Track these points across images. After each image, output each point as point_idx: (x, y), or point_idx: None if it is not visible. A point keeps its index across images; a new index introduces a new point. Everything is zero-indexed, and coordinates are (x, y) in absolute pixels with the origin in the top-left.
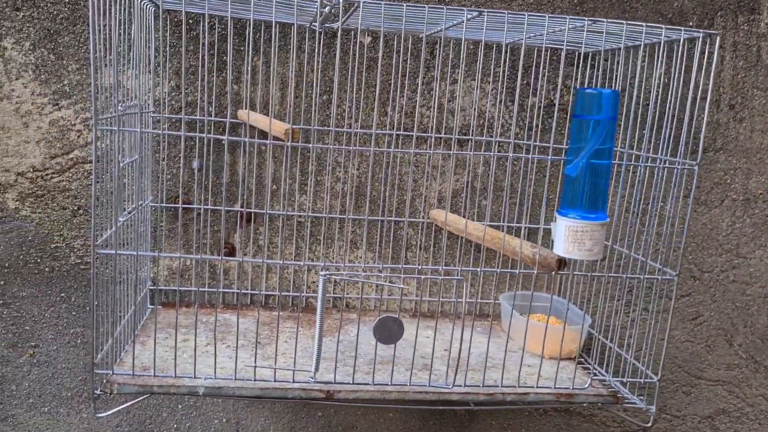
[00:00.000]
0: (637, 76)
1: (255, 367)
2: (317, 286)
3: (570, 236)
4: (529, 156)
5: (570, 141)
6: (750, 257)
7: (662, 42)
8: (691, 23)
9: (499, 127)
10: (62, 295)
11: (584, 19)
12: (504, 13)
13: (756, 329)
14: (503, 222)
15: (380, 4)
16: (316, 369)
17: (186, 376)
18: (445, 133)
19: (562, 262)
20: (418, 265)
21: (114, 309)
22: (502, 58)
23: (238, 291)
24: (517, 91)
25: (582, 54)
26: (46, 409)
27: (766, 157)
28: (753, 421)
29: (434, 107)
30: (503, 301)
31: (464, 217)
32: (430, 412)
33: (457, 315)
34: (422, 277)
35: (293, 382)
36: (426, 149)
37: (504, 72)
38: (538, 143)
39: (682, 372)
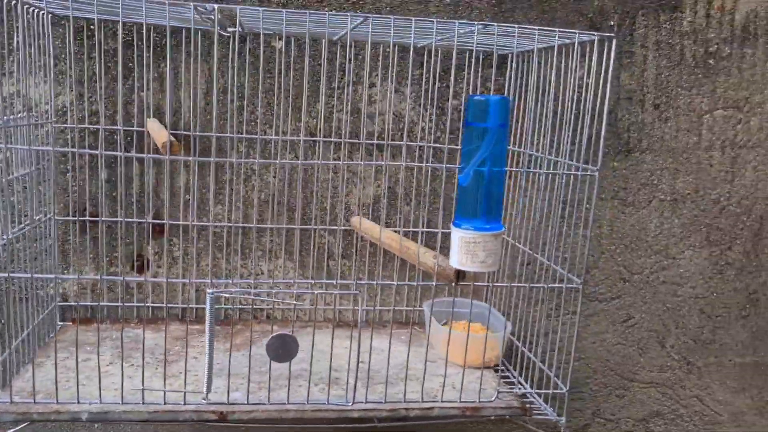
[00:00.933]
0: (532, 79)
1: (143, 389)
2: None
3: (463, 247)
4: (446, 166)
5: (462, 149)
6: (679, 258)
7: (555, 45)
8: (611, 22)
9: (419, 131)
10: None
11: (475, 24)
12: (390, 18)
13: (688, 330)
14: (421, 227)
15: (258, 9)
16: (208, 390)
17: (70, 402)
18: (366, 138)
19: (460, 274)
20: (337, 274)
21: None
22: (410, 61)
23: (145, 305)
24: (435, 94)
25: (496, 56)
26: None
27: (693, 156)
28: (687, 422)
29: (347, 111)
30: (426, 308)
31: (384, 224)
32: (351, 429)
33: (358, 327)
34: (316, 292)
35: (184, 404)
36: (344, 155)
37: (419, 75)
38: (457, 147)
39: (614, 375)
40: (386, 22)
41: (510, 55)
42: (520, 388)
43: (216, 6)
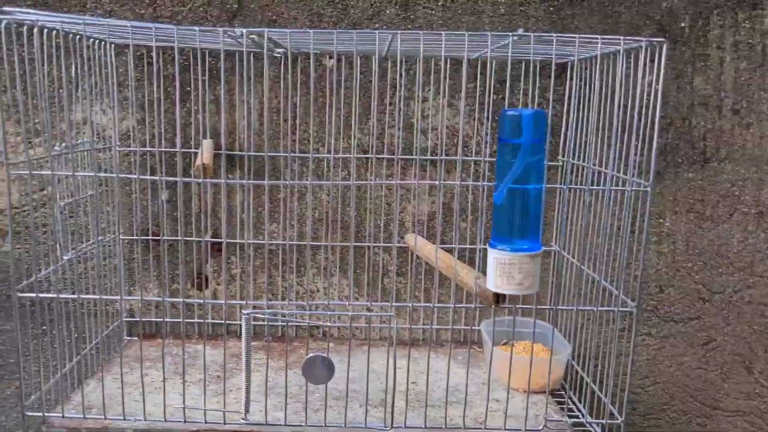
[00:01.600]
0: (592, 87)
1: (184, 407)
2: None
3: (498, 269)
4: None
5: (497, 167)
6: (766, 276)
7: (598, 54)
8: (683, 24)
9: (474, 146)
10: (44, 327)
11: (509, 34)
12: (419, 33)
13: None
14: (479, 245)
15: (286, 32)
16: (247, 410)
17: (117, 418)
18: (417, 154)
19: (500, 297)
20: (392, 292)
21: (57, 347)
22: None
23: (205, 322)
24: (490, 107)
25: (555, 65)
26: None
27: None
28: None
29: (399, 127)
30: (483, 328)
31: (439, 241)
32: None
33: (393, 349)
34: (350, 313)
35: (224, 423)
36: (396, 171)
37: (475, 87)
38: None
39: (695, 402)
40: (437, 37)
41: (569, 64)
42: (572, 416)
43: (267, 31)
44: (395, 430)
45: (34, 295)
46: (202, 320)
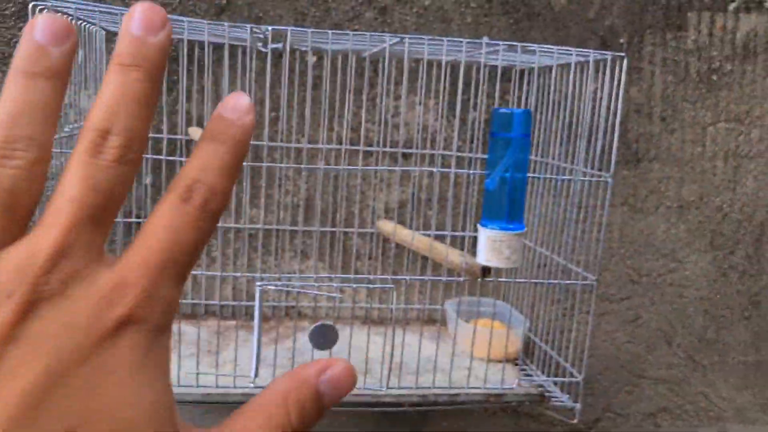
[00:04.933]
0: (552, 93)
1: (197, 374)
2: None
3: (489, 245)
4: (470, 172)
5: (488, 157)
6: (685, 261)
7: (573, 63)
8: (621, 40)
9: (442, 141)
10: None
11: (482, 42)
12: (423, 38)
13: (693, 330)
14: (448, 231)
15: (307, 31)
16: (256, 374)
17: None
18: (390, 147)
19: (486, 270)
20: (366, 274)
21: None
22: (443, 75)
23: (182, 302)
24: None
25: (522, 71)
26: None
27: (697, 166)
28: (693, 417)
29: (380, 121)
30: (448, 307)
31: (410, 227)
32: (383, 416)
33: (392, 320)
34: (354, 285)
35: (235, 387)
36: (372, 163)
37: (444, 88)
38: (479, 155)
39: (624, 372)
40: (420, 41)
41: (521, 70)
42: (536, 379)
43: (270, 28)
44: (390, 391)
45: None
46: (181, 300)
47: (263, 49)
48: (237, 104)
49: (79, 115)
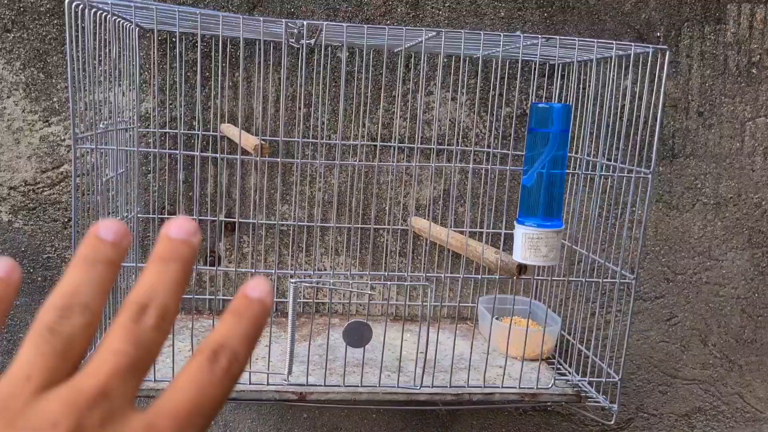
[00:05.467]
0: (592, 87)
1: None
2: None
3: (527, 243)
4: (507, 168)
5: (526, 153)
6: (722, 259)
7: (613, 56)
8: (658, 34)
9: (474, 137)
10: None
11: (519, 35)
12: (460, 32)
13: (729, 329)
14: (483, 228)
15: (342, 25)
16: (289, 372)
17: (148, 380)
18: (422, 143)
19: (522, 268)
20: (397, 271)
21: None
22: (479, 71)
23: (214, 297)
24: (490, 102)
25: (555, 66)
26: None
27: (735, 162)
28: (729, 419)
29: (412, 118)
30: (481, 305)
31: (442, 224)
32: (413, 414)
33: (427, 318)
34: (389, 283)
35: (268, 384)
36: (403, 159)
37: (476, 84)
38: (511, 152)
39: (658, 371)
40: (457, 35)
41: (558, 66)
42: (572, 379)
43: (305, 22)
44: (424, 390)
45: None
46: (213, 296)
47: (295, 45)
48: (258, 286)
49: (117, 112)
